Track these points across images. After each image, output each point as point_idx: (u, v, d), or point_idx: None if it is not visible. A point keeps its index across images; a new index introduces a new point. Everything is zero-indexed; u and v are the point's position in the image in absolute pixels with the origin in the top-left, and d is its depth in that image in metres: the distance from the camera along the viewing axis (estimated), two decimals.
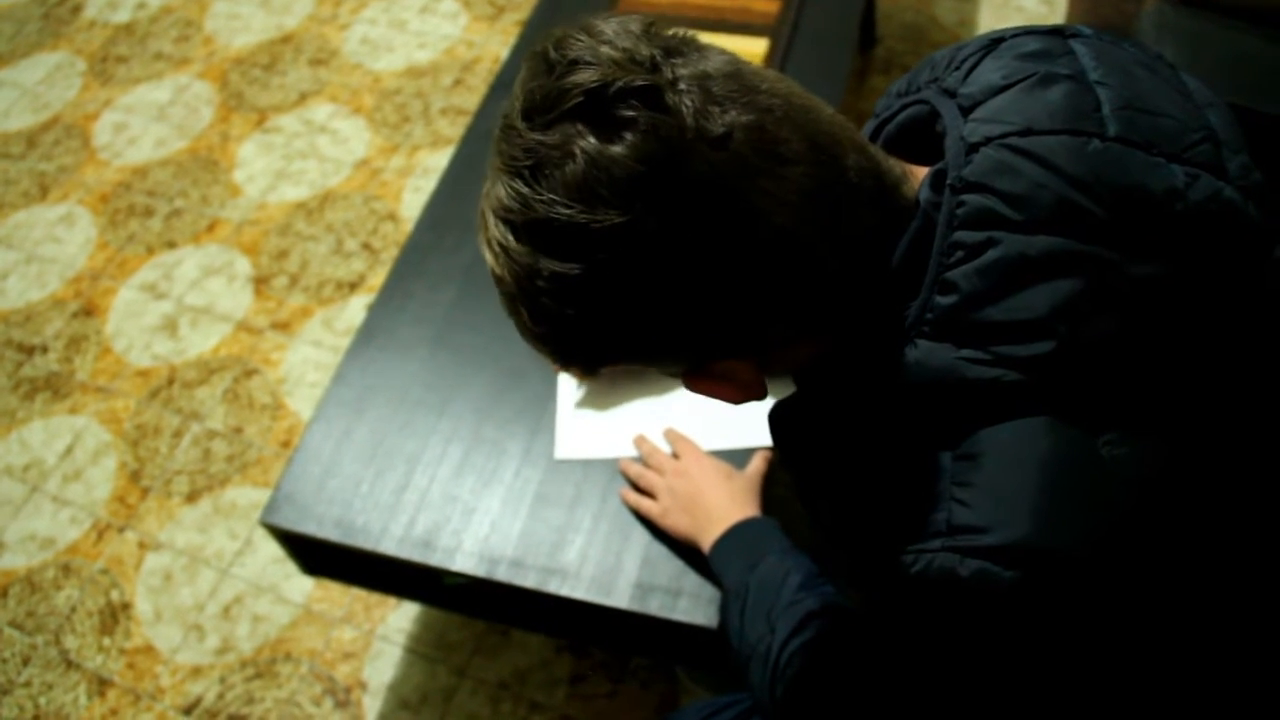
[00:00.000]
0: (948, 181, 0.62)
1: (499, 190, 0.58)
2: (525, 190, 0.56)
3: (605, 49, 0.56)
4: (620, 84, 0.55)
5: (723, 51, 0.60)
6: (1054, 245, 0.58)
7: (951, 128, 0.64)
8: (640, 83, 0.55)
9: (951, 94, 0.67)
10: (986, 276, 0.59)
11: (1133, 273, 0.58)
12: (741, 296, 0.59)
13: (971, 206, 0.60)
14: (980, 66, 0.67)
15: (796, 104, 0.60)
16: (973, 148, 0.61)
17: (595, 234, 0.56)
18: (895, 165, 0.66)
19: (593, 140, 0.55)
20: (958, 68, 0.68)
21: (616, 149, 0.54)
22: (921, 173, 0.66)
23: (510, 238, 0.58)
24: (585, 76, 0.55)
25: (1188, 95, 0.66)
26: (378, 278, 2.20)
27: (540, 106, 0.56)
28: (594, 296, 0.58)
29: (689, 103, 0.55)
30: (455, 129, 2.47)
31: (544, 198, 0.56)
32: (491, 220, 0.60)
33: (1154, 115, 0.62)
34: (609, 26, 0.58)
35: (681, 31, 0.60)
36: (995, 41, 0.68)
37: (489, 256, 0.62)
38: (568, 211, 0.55)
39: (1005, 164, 0.60)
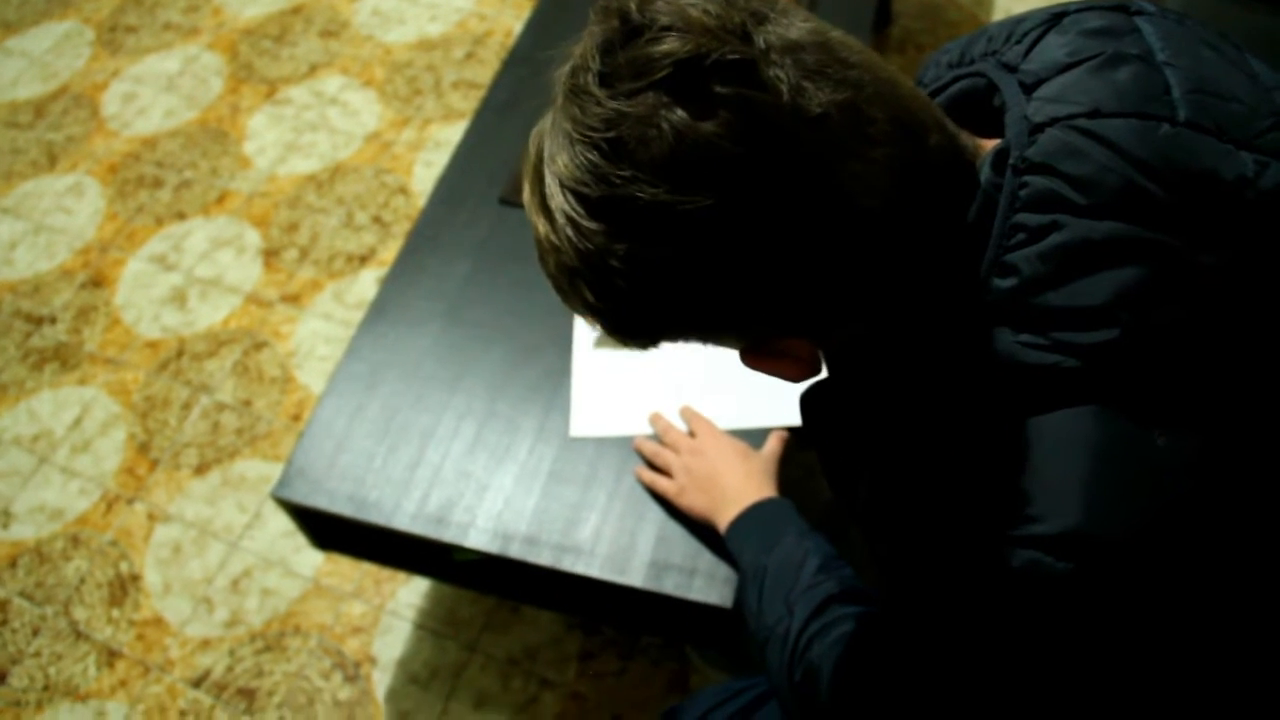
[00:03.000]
0: (1010, 162, 0.59)
1: (568, 159, 0.55)
2: (603, 163, 0.53)
3: (695, 13, 0.53)
4: (715, 56, 0.52)
5: (806, 16, 0.57)
6: (1119, 231, 0.56)
7: (1013, 105, 0.62)
8: (734, 55, 0.52)
9: (1012, 69, 0.64)
10: (1048, 261, 0.57)
11: (1199, 261, 0.56)
12: (821, 278, 0.57)
13: (1035, 188, 0.58)
14: (1043, 42, 0.64)
15: (882, 78, 0.57)
16: (1037, 128, 0.59)
17: (681, 215, 0.53)
18: (968, 139, 0.64)
19: (682, 114, 0.52)
20: (1018, 41, 0.66)
21: (708, 126, 0.52)
22: (989, 146, 0.64)
23: (581, 211, 0.55)
24: (676, 45, 0.52)
25: (1255, 78, 0.64)
26: (388, 251, 2.19)
27: (624, 73, 0.53)
28: (671, 277, 0.56)
29: (784, 77, 0.53)
30: (467, 103, 2.45)
31: (626, 173, 0.53)
32: (558, 190, 0.57)
33: (1223, 99, 0.60)
34: None
35: None
36: (1057, 16, 0.66)
37: (543, 226, 0.59)
38: (653, 190, 0.53)
39: (1071, 146, 0.58)
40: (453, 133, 2.39)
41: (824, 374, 0.71)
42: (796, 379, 0.66)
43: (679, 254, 0.55)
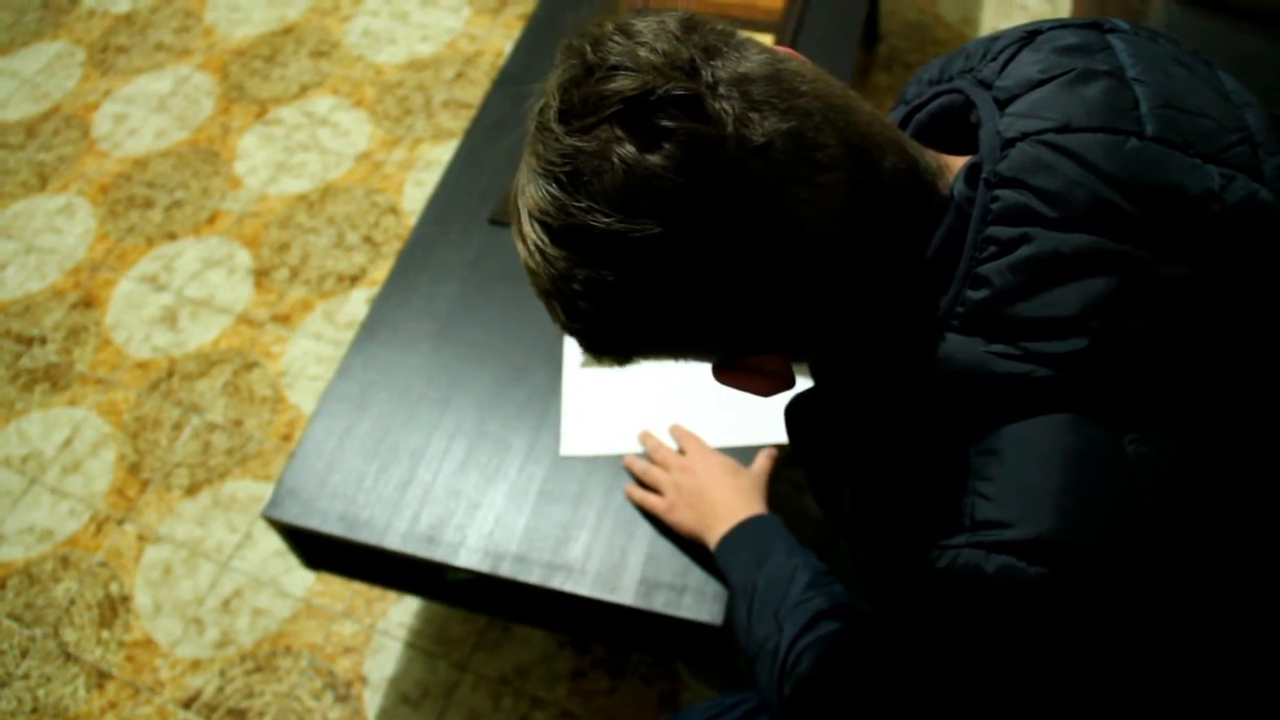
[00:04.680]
0: (982, 176, 0.61)
1: (534, 191, 0.58)
2: (561, 195, 0.56)
3: (644, 52, 0.55)
4: (660, 92, 0.54)
5: (762, 48, 0.59)
6: (1087, 243, 0.58)
7: (987, 121, 0.64)
8: (680, 91, 0.54)
9: (987, 86, 0.66)
10: (1019, 272, 0.58)
11: (1166, 273, 0.58)
12: (775, 300, 0.59)
13: (1006, 202, 0.60)
14: (1017, 59, 0.66)
15: (835, 104, 0.59)
16: (1009, 143, 0.61)
17: (633, 243, 0.55)
18: (932, 159, 0.65)
19: (631, 149, 0.54)
20: (994, 59, 0.68)
21: (655, 159, 0.54)
22: (957, 164, 0.66)
23: (546, 239, 0.58)
24: (625, 84, 0.54)
25: (1225, 95, 0.66)
26: (379, 271, 2.20)
27: (578, 110, 0.56)
28: (629, 300, 0.58)
29: (729, 109, 0.55)
30: (457, 122, 2.47)
31: (582, 204, 0.55)
32: (526, 219, 0.59)
33: (1192, 115, 0.62)
34: (646, 26, 0.57)
35: (719, 25, 0.59)
36: (1032, 34, 0.68)
37: (523, 251, 0.61)
38: (606, 220, 0.55)
39: (1041, 160, 0.59)
40: (443, 152, 2.40)
41: (800, 387, 0.72)
42: (767, 394, 0.68)
43: (633, 278, 0.57)
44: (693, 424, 1.23)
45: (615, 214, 0.55)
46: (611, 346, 0.63)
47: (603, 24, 0.58)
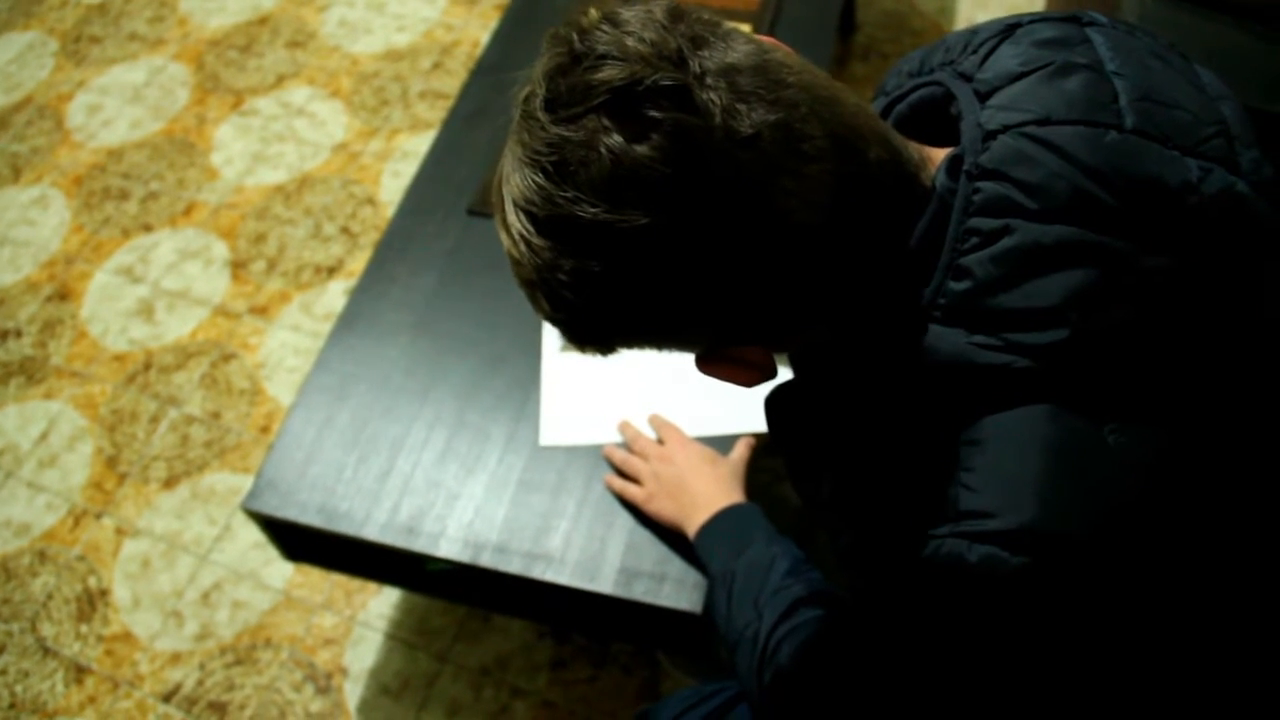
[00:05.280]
0: (964, 168, 0.62)
1: (519, 180, 0.58)
2: (548, 185, 0.56)
3: (631, 42, 0.55)
4: (648, 83, 0.54)
5: (748, 39, 0.59)
6: (1068, 235, 0.58)
7: (968, 113, 0.64)
8: (667, 81, 0.54)
9: (967, 78, 0.67)
10: (1000, 263, 0.59)
11: (1145, 264, 0.58)
12: (761, 290, 0.59)
13: (988, 194, 0.60)
14: (997, 52, 0.66)
15: (821, 96, 0.59)
16: (990, 135, 0.61)
17: (619, 233, 0.55)
18: (914, 151, 0.66)
19: (618, 139, 0.54)
20: (974, 52, 0.68)
21: (642, 149, 0.54)
22: (938, 156, 0.66)
23: (531, 229, 0.58)
24: (612, 73, 0.54)
25: (1201, 88, 0.66)
26: (356, 262, 2.19)
27: (564, 99, 0.55)
28: (615, 291, 0.58)
29: (717, 100, 0.55)
30: (434, 113, 2.46)
31: (568, 194, 0.55)
32: (511, 209, 0.59)
33: (1169, 108, 0.63)
34: (633, 15, 0.57)
35: (705, 15, 0.59)
36: (1011, 27, 0.68)
37: (506, 240, 0.61)
38: (593, 210, 0.55)
39: (1022, 153, 0.60)
40: (420, 143, 2.39)
41: (781, 378, 0.73)
42: (749, 384, 0.68)
43: (619, 269, 0.57)
44: (671, 414, 1.24)
45: (602, 204, 0.55)
46: (595, 336, 0.64)
47: (589, 12, 0.58)
